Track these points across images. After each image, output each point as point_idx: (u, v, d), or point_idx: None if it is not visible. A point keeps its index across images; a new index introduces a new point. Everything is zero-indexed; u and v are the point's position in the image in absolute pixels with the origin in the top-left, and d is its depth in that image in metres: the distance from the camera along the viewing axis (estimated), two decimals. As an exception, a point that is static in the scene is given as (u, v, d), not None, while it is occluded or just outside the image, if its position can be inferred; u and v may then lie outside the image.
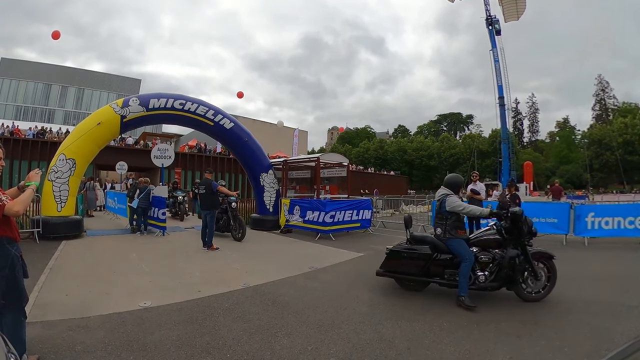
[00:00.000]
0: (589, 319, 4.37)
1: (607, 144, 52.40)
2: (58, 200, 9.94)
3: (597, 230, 9.70)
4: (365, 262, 7.89)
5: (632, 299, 5.13)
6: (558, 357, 3.41)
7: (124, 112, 10.56)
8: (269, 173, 12.99)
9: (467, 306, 4.67)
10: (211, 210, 8.99)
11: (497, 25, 34.29)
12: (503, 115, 34.59)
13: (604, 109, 66.04)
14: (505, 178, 30.91)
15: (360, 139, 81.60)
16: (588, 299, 5.13)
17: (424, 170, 68.35)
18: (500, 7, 34.86)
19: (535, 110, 76.24)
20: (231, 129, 12.24)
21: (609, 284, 5.80)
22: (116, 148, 25.24)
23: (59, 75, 56.37)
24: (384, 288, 5.79)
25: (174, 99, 11.29)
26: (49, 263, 6.91)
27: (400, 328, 4.13)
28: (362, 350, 3.55)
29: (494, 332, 4.02)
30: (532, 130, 76.37)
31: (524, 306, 4.87)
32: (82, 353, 3.30)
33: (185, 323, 4.12)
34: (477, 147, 61.08)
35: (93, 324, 4.02)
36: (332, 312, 4.63)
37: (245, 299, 5.11)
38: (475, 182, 9.96)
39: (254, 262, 7.56)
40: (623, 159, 48.27)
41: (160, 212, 11.25)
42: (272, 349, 3.52)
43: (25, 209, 3.03)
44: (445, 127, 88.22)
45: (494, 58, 34.03)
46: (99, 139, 10.67)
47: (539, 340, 3.79)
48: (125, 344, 3.53)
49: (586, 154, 56.12)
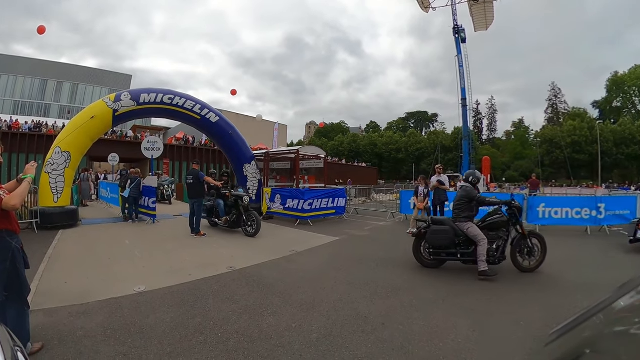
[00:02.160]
0: (542, 296, 4.56)
1: (557, 143, 54.27)
2: (54, 191, 9.65)
3: (548, 219, 10.04)
4: (341, 245, 7.98)
5: (578, 278, 5.39)
6: (515, 329, 3.55)
7: (116, 107, 10.31)
8: (251, 164, 12.92)
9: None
10: (198, 199, 8.84)
11: (462, 34, 34.77)
12: (465, 114, 35.25)
13: (556, 112, 68.25)
14: (465, 171, 31.70)
15: (335, 133, 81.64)
16: (540, 279, 5.34)
17: (393, 162, 69.15)
18: (470, 17, 35.34)
19: (494, 111, 78.25)
20: (217, 123, 12.09)
21: (559, 266, 6.04)
22: (108, 140, 24.62)
23: (55, 71, 54.40)
24: (359, 269, 5.87)
25: (163, 93, 11.06)
26: (48, 252, 6.67)
27: (375, 305, 4.20)
28: (341, 326, 3.59)
29: (459, 308, 4.14)
30: (490, 129, 78.37)
31: (483, 285, 5.04)
32: (83, 338, 3.22)
33: (177, 306, 4.07)
34: (440, 142, 62.24)
35: (92, 309, 3.92)
36: (312, 292, 4.66)
37: (232, 281, 5.08)
38: (440, 174, 10.13)
39: (239, 247, 7.50)
40: (571, 157, 50.32)
41: (151, 201, 11.06)
42: (259, 328, 3.52)
43: (22, 202, 2.90)
44: (413, 124, 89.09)
45: (458, 63, 34.53)
46: (92, 132, 10.40)
47: (497, 315, 3.94)
48: (123, 327, 3.47)
49: (538, 151, 58.29)
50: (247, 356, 2.96)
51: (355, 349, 3.11)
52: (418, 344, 3.22)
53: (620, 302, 1.25)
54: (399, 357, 2.98)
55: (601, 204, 9.93)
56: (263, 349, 3.08)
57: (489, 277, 5.21)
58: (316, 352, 3.05)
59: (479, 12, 34.59)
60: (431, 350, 3.12)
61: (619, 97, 62.69)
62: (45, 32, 17.15)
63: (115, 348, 3.05)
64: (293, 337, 3.33)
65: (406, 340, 3.30)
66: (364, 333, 3.44)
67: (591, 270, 5.91)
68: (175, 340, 3.21)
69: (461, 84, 34.42)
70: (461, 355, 3.03)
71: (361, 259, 6.58)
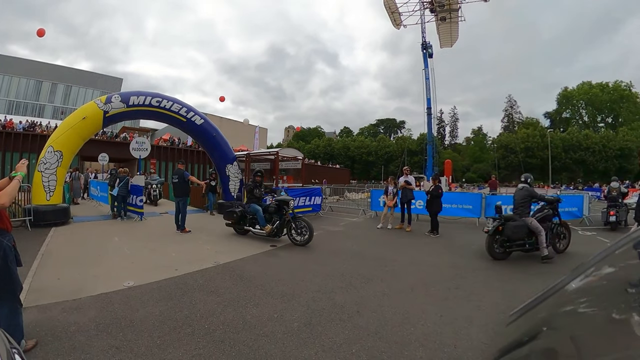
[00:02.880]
0: (501, 284, 4.73)
1: (511, 148, 56.43)
2: (47, 189, 9.30)
3: (504, 214, 10.39)
4: (318, 240, 7.95)
5: (533, 268, 5.62)
6: (478, 313, 3.67)
7: (106, 108, 10.04)
8: (233, 164, 12.76)
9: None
10: (183, 197, 8.67)
11: (430, 50, 35.45)
12: (430, 122, 35.94)
13: (511, 121, 70.87)
14: (429, 173, 32.36)
15: (312, 137, 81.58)
16: (500, 269, 5.55)
17: (364, 164, 69.61)
18: (437, 35, 36.10)
19: (456, 120, 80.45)
20: (201, 125, 11.89)
21: (515, 256, 6.28)
22: (99, 140, 23.72)
23: (50, 72, 51.66)
24: (334, 261, 5.89)
25: (151, 96, 10.81)
26: (41, 249, 6.37)
27: (350, 295, 4.23)
28: (320, 315, 3.60)
29: (426, 296, 4.23)
30: (452, 135, 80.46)
31: (449, 275, 5.17)
32: (76, 333, 3.09)
33: (165, 299, 3.97)
34: (407, 147, 63.09)
35: (84, 304, 3.77)
36: (292, 284, 4.64)
37: (216, 275, 5.00)
38: (407, 175, 10.32)
39: (222, 243, 7.38)
40: (524, 161, 52.42)
41: (138, 199, 10.81)
42: (243, 318, 3.47)
43: (11, 200, 2.70)
44: (382, 130, 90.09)
45: (425, 76, 35.17)
46: (83, 132, 10.07)
47: (462, 301, 4.05)
48: (115, 321, 3.35)
49: (495, 155, 60.34)
50: (232, 346, 2.91)
51: (334, 336, 3.12)
52: (391, 329, 3.27)
53: (572, 284, 1.30)
54: (374, 342, 3.02)
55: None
56: (247, 339, 3.04)
57: (550, 259, 5.87)
58: (297, 340, 3.04)
59: (445, 30, 35.46)
60: (403, 334, 3.17)
61: (568, 109, 65.71)
62: (45, 34, 16.36)
63: (107, 342, 2.94)
64: (275, 326, 3.30)
65: (380, 325, 3.34)
66: (341, 321, 3.46)
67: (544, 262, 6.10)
68: (164, 333, 3.13)
69: (427, 94, 35.11)
70: (430, 338, 3.09)
71: (336, 253, 6.61)
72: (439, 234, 8.75)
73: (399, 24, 37.21)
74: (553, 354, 1.16)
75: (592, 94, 60.69)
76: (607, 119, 62.76)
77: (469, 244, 7.64)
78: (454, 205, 11.13)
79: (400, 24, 37.17)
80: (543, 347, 1.20)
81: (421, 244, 7.84)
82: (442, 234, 8.78)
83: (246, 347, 2.90)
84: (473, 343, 3.00)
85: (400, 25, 37.22)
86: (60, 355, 2.70)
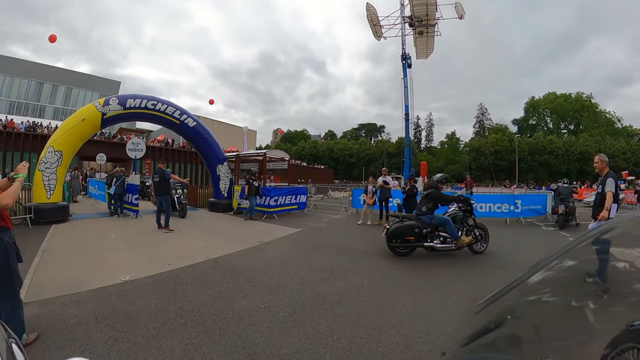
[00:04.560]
0: (471, 276, 4.83)
1: (482, 151, 57.89)
2: (47, 188, 9.04)
3: (475, 212, 10.59)
4: (303, 236, 8.01)
5: (500, 260, 5.75)
6: (450, 302, 3.76)
7: (104, 110, 9.82)
8: (224, 165, 12.65)
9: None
10: (165, 195, 8.42)
11: (409, 61, 35.95)
12: (407, 127, 36.46)
13: (482, 127, 72.44)
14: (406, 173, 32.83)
15: (298, 139, 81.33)
16: (470, 262, 5.67)
17: (346, 165, 69.83)
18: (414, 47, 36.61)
19: (432, 125, 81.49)
20: (194, 127, 11.74)
21: (487, 251, 6.31)
22: (97, 141, 23.14)
23: (51, 74, 49.34)
24: (318, 255, 5.93)
25: (147, 99, 10.62)
26: (42, 245, 6.18)
27: (331, 286, 4.27)
28: (304, 305, 3.63)
29: (401, 286, 4.31)
30: (428, 139, 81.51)
31: (422, 268, 5.27)
32: (77, 325, 3.03)
33: (159, 292, 3.93)
34: (386, 149, 63.75)
35: (83, 298, 3.70)
36: (278, 276, 4.65)
37: (207, 269, 4.96)
38: (385, 176, 10.44)
39: (212, 239, 7.30)
40: (493, 163, 54.15)
41: (134, 197, 10.61)
42: (233, 309, 3.47)
43: (14, 201, 2.64)
44: (364, 134, 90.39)
45: (404, 85, 35.64)
46: (82, 133, 9.82)
47: (435, 291, 4.14)
48: (112, 313, 3.31)
49: (467, 158, 61.82)
50: (223, 335, 2.92)
51: (317, 324, 3.15)
52: (369, 317, 3.32)
53: (534, 277, 1.35)
54: (354, 329, 3.06)
55: (518, 200, 10.66)
56: (237, 328, 3.05)
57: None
58: (283, 328, 3.06)
59: (422, 43, 36.01)
60: (381, 322, 3.23)
61: (534, 116, 67.73)
62: (56, 40, 15.73)
63: (106, 333, 2.91)
64: (262, 316, 3.32)
65: (359, 314, 3.40)
66: (323, 310, 3.50)
67: (510, 253, 6.29)
68: (159, 324, 3.11)
69: (405, 101, 35.62)
70: (406, 325, 3.16)
71: (320, 247, 6.65)
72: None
73: (380, 36, 37.56)
74: (517, 339, 1.21)
75: (557, 103, 62.86)
76: (569, 126, 65.03)
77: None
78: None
79: (380, 35, 37.52)
80: (508, 333, 1.25)
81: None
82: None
83: (235, 335, 2.90)
84: (445, 329, 3.08)
85: (380, 37, 37.58)
86: (61, 348, 2.65)
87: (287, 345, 2.77)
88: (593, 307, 0.95)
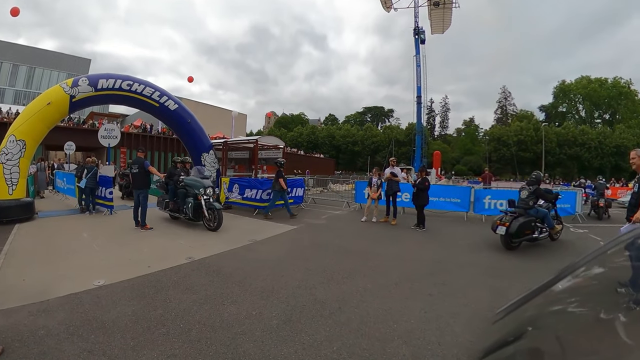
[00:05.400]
0: (490, 280, 4.88)
1: (504, 141, 58.00)
2: (9, 182, 8.93)
3: (493, 209, 10.65)
4: (299, 234, 8.05)
5: (523, 265, 5.79)
6: (464, 311, 3.79)
7: (73, 92, 9.68)
8: (210, 153, 12.60)
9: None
10: (144, 189, 8.41)
11: (422, 35, 35.55)
12: (419, 111, 36.31)
13: (505, 113, 72.55)
14: (417, 164, 32.70)
15: (295, 124, 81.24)
16: (488, 264, 5.72)
17: (350, 154, 69.98)
18: (429, 20, 36.26)
19: (447, 110, 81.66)
20: (175, 110, 11.66)
21: (504, 253, 6.47)
22: (65, 128, 23.13)
23: (10, 52, 48.58)
24: (316, 256, 5.97)
25: (122, 79, 10.51)
26: (4, 248, 6.15)
27: (331, 290, 4.31)
28: (300, 311, 3.66)
29: (410, 292, 4.35)
30: (442, 126, 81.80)
31: (433, 270, 5.31)
32: (45, 337, 3.03)
33: (138, 298, 3.95)
34: (395, 137, 63.75)
35: (52, 306, 3.70)
36: (271, 279, 4.69)
37: (191, 271, 4.99)
38: (393, 167, 10.42)
39: (197, 237, 7.34)
40: (517, 155, 54.20)
41: (108, 191, 10.56)
42: (220, 317, 3.50)
43: None
44: (369, 118, 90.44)
45: (416, 63, 35.36)
46: (48, 119, 9.68)
47: (447, 297, 4.18)
48: (85, 323, 3.32)
49: (486, 148, 61.85)
50: (209, 345, 2.95)
51: (314, 333, 3.19)
52: (373, 325, 3.36)
53: (559, 285, 1.35)
54: (356, 339, 3.10)
55: (543, 197, 10.67)
56: (225, 338, 3.08)
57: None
58: (277, 338, 3.09)
59: (438, 16, 35.71)
60: (386, 331, 3.26)
61: (564, 103, 67.25)
62: (19, 13, 15.48)
63: (78, 345, 2.92)
64: (254, 324, 3.35)
65: (362, 322, 3.43)
66: (322, 317, 3.53)
67: (532, 257, 6.33)
68: (138, 334, 3.13)
69: (417, 82, 35.39)
70: (414, 335, 3.20)
71: (318, 247, 6.69)
72: (425, 228, 8.92)
73: (389, 7, 37.23)
74: (539, 354, 1.21)
75: (591, 89, 61.82)
76: (604, 116, 64.35)
77: (456, 238, 7.85)
78: (442, 199, 11.35)
79: (390, 6, 37.19)
80: (528, 347, 1.25)
81: (406, 237, 7.99)
82: (428, 228, 8.96)
83: (223, 346, 2.93)
84: (458, 340, 3.11)
85: (390, 8, 37.25)
86: (28, 361, 2.66)
87: (281, 356, 2.80)
88: (624, 320, 0.95)
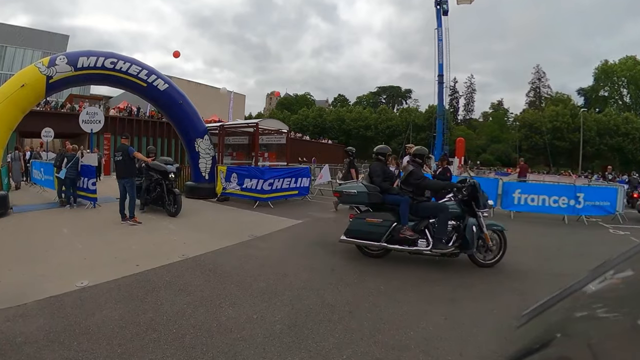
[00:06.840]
0: (517, 284, 4.86)
1: (537, 128, 57.07)
2: None
3: (524, 205, 10.64)
4: (304, 229, 8.10)
5: (553, 267, 5.77)
6: (488, 318, 3.79)
7: (50, 72, 9.71)
8: (204, 138, 12.61)
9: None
10: (130, 178, 8.49)
11: (445, 6, 35.04)
12: (441, 92, 36.03)
13: (538, 96, 71.31)
14: (438, 152, 32.52)
15: (299, 106, 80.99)
16: (515, 267, 5.68)
17: (361, 140, 69.58)
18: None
19: (473, 91, 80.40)
20: (165, 91, 11.67)
21: (534, 254, 6.46)
22: (41, 112, 23.16)
23: None
24: (323, 254, 6.01)
25: (104, 57, 10.51)
26: None
27: (340, 293, 4.34)
28: (306, 315, 3.70)
29: (429, 295, 4.37)
30: (467, 109, 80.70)
31: (452, 273, 5.30)
32: (23, 345, 3.07)
33: (126, 301, 3.99)
34: (413, 120, 63.41)
35: (31, 311, 3.74)
36: (273, 279, 4.73)
37: (185, 270, 5.04)
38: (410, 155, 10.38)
39: (191, 232, 7.41)
40: (551, 144, 53.31)
41: (90, 182, 10.59)
42: (217, 320, 3.54)
43: None
44: (384, 100, 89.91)
45: (438, 37, 34.98)
46: (22, 103, 9.75)
47: (470, 302, 4.18)
48: (67, 328, 3.35)
49: (517, 135, 61.12)
50: (205, 352, 2.98)
51: (322, 340, 3.21)
52: (388, 332, 3.38)
53: (589, 287, 1.35)
54: (368, 347, 3.12)
55: (580, 193, 10.56)
56: (223, 344, 3.11)
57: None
58: (280, 344, 3.12)
59: (465, -18, 35.11)
60: (402, 338, 3.28)
61: (606, 86, 65.60)
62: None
63: (60, 353, 2.96)
64: (255, 329, 3.38)
65: (375, 328, 3.46)
66: (331, 322, 3.56)
67: (566, 259, 6.32)
68: (126, 340, 3.17)
69: (439, 59, 35.04)
70: (433, 343, 3.21)
71: (326, 244, 6.71)
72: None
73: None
74: None
75: (637, 71, 60.05)
76: (652, 102, 62.95)
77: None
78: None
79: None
80: (557, 355, 1.26)
81: (425, 235, 7.96)
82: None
83: (221, 353, 2.97)
84: (481, 350, 3.12)
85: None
86: (5, 371, 2.71)
87: (285, 365, 2.83)
88: None
